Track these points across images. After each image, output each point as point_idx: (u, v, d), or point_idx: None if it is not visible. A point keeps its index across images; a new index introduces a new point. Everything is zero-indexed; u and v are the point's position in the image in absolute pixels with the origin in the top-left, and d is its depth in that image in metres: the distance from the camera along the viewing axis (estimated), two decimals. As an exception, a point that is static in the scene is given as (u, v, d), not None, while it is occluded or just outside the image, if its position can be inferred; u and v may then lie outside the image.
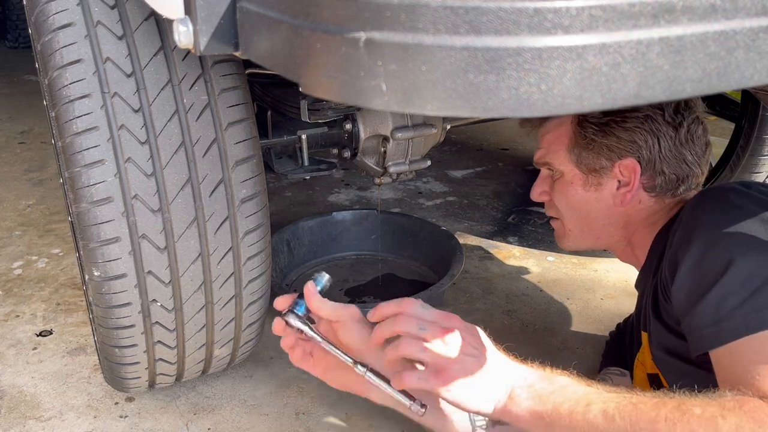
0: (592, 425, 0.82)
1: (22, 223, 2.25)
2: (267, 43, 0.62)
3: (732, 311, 0.90)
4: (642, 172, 1.17)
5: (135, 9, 1.02)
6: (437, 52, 0.51)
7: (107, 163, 1.02)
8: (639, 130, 1.17)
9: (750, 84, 0.56)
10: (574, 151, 1.22)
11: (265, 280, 1.25)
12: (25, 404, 1.42)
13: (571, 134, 1.23)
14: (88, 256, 1.07)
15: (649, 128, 1.17)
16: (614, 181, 1.19)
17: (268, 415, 1.40)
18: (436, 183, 2.66)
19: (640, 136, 1.17)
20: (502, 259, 2.06)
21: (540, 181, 1.32)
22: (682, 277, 0.98)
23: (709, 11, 0.52)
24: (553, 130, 1.26)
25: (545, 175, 1.31)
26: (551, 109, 0.52)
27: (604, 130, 1.18)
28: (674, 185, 1.18)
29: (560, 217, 1.29)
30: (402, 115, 1.48)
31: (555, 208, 1.29)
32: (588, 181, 1.21)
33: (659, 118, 1.18)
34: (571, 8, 0.49)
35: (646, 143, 1.17)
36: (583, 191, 1.22)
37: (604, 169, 1.19)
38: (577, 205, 1.24)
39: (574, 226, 1.27)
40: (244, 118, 1.11)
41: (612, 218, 1.22)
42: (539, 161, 1.30)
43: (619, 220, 1.21)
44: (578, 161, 1.21)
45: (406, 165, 1.57)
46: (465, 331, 0.91)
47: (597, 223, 1.23)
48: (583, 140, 1.20)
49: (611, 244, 1.28)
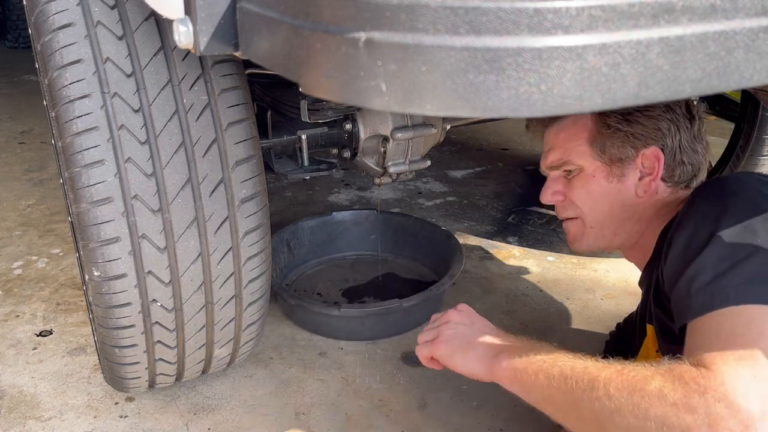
0: (551, 384, 0.94)
1: (22, 223, 2.25)
2: (267, 43, 0.62)
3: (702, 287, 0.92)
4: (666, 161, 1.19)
5: (135, 9, 1.02)
6: (437, 52, 0.51)
7: (107, 163, 1.02)
8: (663, 118, 1.20)
9: (750, 84, 0.56)
10: (597, 143, 1.21)
11: (265, 280, 1.25)
12: (25, 404, 1.42)
13: (591, 127, 1.23)
14: (88, 256, 1.07)
15: (671, 117, 1.20)
16: (636, 172, 1.20)
17: (268, 415, 1.40)
18: (436, 183, 2.67)
19: (664, 125, 1.19)
20: (502, 259, 2.06)
21: (551, 182, 1.30)
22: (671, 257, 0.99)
23: (708, 11, 0.52)
24: (568, 128, 1.26)
25: (556, 176, 1.29)
26: (551, 109, 0.52)
27: (628, 119, 1.19)
28: (690, 176, 1.21)
29: (579, 215, 1.27)
30: (402, 115, 1.48)
31: (572, 207, 1.28)
32: (612, 172, 1.21)
33: (678, 109, 1.21)
34: (571, 8, 0.49)
35: (669, 131, 1.20)
36: (606, 183, 1.21)
37: (629, 159, 1.19)
38: (601, 197, 1.23)
39: (596, 221, 1.26)
40: (244, 118, 1.11)
41: (632, 210, 1.22)
42: (553, 163, 1.27)
43: (636, 213, 1.22)
44: (602, 152, 1.21)
45: (406, 165, 1.57)
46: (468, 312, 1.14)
47: (617, 217, 1.24)
48: (607, 130, 1.20)
49: (625, 240, 1.28)
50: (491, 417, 1.38)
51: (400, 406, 1.42)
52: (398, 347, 1.61)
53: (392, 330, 1.65)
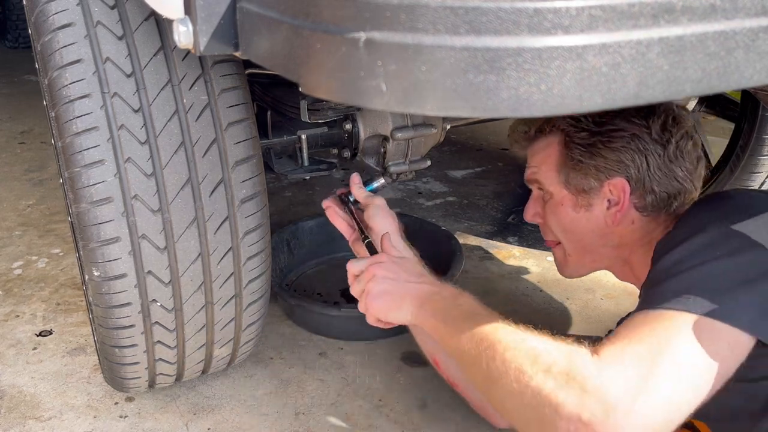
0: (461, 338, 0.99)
1: (22, 223, 2.25)
2: (267, 43, 0.62)
3: (650, 288, 0.95)
4: (632, 191, 1.16)
5: (135, 9, 1.02)
6: (437, 52, 0.51)
7: (107, 163, 1.02)
8: (625, 149, 1.16)
9: (750, 84, 0.56)
10: (563, 172, 1.21)
11: (265, 280, 1.25)
12: (25, 404, 1.42)
13: (558, 155, 1.22)
14: (88, 256, 1.07)
15: (636, 147, 1.15)
16: (604, 201, 1.18)
17: (268, 415, 1.40)
18: (436, 183, 2.67)
19: (627, 155, 1.16)
20: (502, 259, 2.06)
21: (532, 202, 1.31)
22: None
23: (708, 11, 0.52)
24: (541, 151, 1.25)
25: (537, 196, 1.30)
26: (551, 109, 0.52)
27: (591, 150, 1.17)
28: (666, 203, 1.17)
29: (558, 241, 1.28)
30: (402, 115, 1.48)
31: (550, 231, 1.29)
32: (578, 201, 1.20)
33: (646, 136, 1.16)
34: (571, 8, 0.49)
35: (634, 162, 1.16)
36: (573, 212, 1.21)
37: (593, 189, 1.18)
38: (570, 226, 1.23)
39: (572, 249, 1.26)
40: (244, 118, 1.11)
41: (606, 239, 1.20)
42: (530, 179, 1.29)
43: (613, 240, 1.20)
44: (567, 182, 1.20)
45: (406, 165, 1.57)
46: (395, 263, 1.15)
47: (592, 245, 1.23)
48: (570, 161, 1.19)
49: (609, 265, 1.27)
50: (491, 417, 1.38)
51: (400, 406, 1.42)
52: (398, 347, 1.61)
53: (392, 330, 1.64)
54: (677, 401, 0.83)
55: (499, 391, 0.91)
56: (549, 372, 0.85)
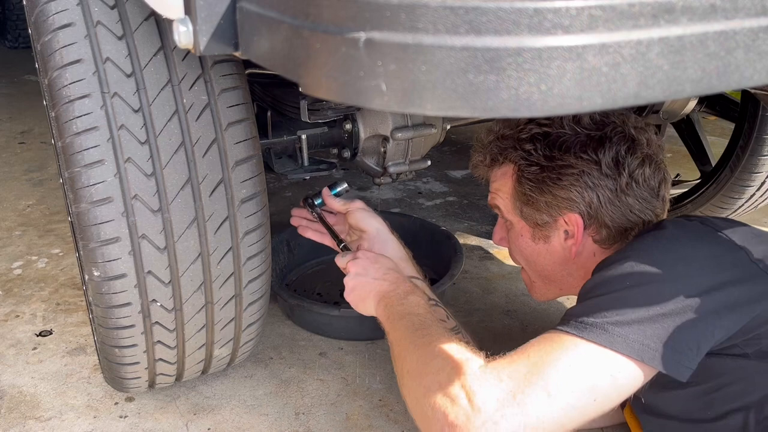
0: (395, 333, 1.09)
1: (22, 223, 2.25)
2: (267, 43, 0.62)
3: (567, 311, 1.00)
4: (586, 226, 1.15)
5: (135, 9, 1.02)
6: (437, 52, 0.51)
7: (107, 163, 1.02)
8: (574, 186, 1.14)
9: (750, 84, 0.56)
10: (517, 205, 1.21)
11: (265, 280, 1.25)
12: (25, 404, 1.42)
13: (512, 187, 1.21)
14: (88, 256, 1.07)
15: (584, 183, 1.13)
16: (561, 233, 1.17)
17: (268, 415, 1.40)
18: (436, 183, 2.67)
19: (576, 193, 1.14)
20: (502, 259, 2.06)
21: (498, 227, 1.32)
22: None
23: (708, 11, 0.52)
24: (499, 179, 1.24)
25: (501, 222, 1.30)
26: (551, 109, 0.52)
27: (541, 187, 1.16)
28: (623, 234, 1.16)
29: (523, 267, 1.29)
30: (402, 115, 1.48)
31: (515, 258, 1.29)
32: (535, 234, 1.20)
33: (595, 171, 1.14)
34: (571, 8, 0.49)
35: (583, 199, 1.14)
36: (533, 243, 1.21)
37: (548, 223, 1.17)
38: (531, 256, 1.23)
39: (537, 276, 1.26)
40: (244, 118, 1.11)
41: (569, 269, 1.20)
42: (491, 204, 1.29)
43: (577, 271, 1.19)
44: (522, 215, 1.20)
45: (406, 165, 1.57)
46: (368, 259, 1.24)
47: (555, 275, 1.22)
48: (522, 196, 1.19)
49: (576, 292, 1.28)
50: (491, 417, 1.38)
51: (400, 406, 1.42)
52: (398, 347, 1.61)
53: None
54: (545, 419, 0.87)
55: (403, 388, 1.01)
56: (437, 375, 0.93)
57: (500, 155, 1.23)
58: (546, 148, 1.15)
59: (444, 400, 0.90)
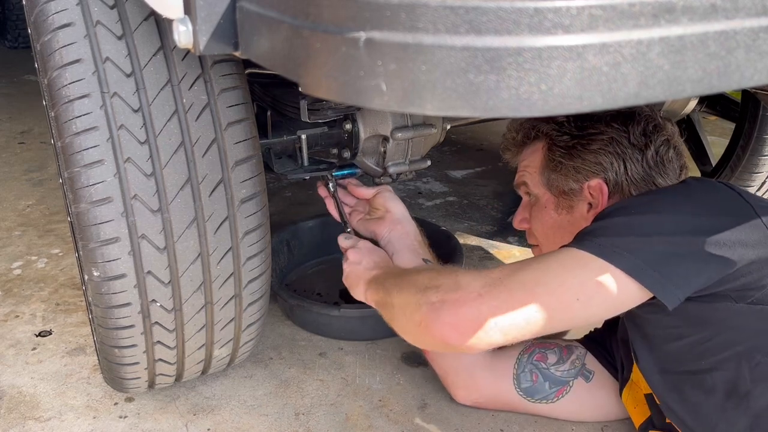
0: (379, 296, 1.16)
1: (22, 224, 2.25)
2: (267, 43, 0.62)
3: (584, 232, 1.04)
4: (610, 195, 1.18)
5: (134, 9, 1.02)
6: (437, 51, 0.51)
7: (107, 163, 1.02)
8: (603, 151, 1.19)
9: (750, 84, 0.56)
10: (545, 174, 1.25)
11: (265, 280, 1.25)
12: (25, 404, 1.42)
13: (542, 158, 1.26)
14: (87, 256, 1.07)
15: (614, 150, 1.18)
16: (585, 204, 1.20)
17: (268, 415, 1.39)
18: (436, 183, 2.66)
19: (605, 158, 1.19)
20: (502, 259, 2.06)
21: (521, 209, 1.36)
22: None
23: (709, 11, 0.52)
24: (528, 156, 1.31)
25: (525, 203, 1.34)
26: (551, 109, 0.52)
27: (571, 152, 1.21)
28: None
29: (539, 244, 1.33)
30: (402, 115, 1.48)
31: (534, 235, 1.33)
32: (559, 204, 1.23)
33: (624, 140, 1.19)
34: (572, 8, 0.49)
35: (612, 165, 1.18)
36: (556, 214, 1.24)
37: (573, 191, 1.21)
38: (552, 229, 1.26)
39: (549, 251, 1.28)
40: (244, 118, 1.11)
41: None
42: (518, 182, 1.34)
43: None
44: (549, 184, 1.24)
45: (406, 165, 1.56)
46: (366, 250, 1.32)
47: None
48: (551, 163, 1.23)
49: None
50: (491, 417, 1.38)
51: (400, 406, 1.42)
52: (398, 347, 1.61)
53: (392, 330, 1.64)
54: (527, 305, 0.91)
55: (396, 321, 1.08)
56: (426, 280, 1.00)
57: (532, 130, 1.29)
58: (577, 119, 1.22)
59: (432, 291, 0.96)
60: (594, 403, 1.32)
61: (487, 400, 1.35)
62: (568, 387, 1.30)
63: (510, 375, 1.31)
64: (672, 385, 1.09)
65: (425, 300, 0.97)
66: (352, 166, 1.57)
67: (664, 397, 1.11)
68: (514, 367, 1.31)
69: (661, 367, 1.10)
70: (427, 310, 0.96)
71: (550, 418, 1.36)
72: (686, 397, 1.06)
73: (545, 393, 1.30)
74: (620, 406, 1.30)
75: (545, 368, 1.30)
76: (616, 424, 1.36)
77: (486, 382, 1.32)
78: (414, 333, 1.03)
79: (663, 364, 1.10)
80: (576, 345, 1.36)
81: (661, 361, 1.10)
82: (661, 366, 1.10)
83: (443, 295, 0.94)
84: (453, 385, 1.36)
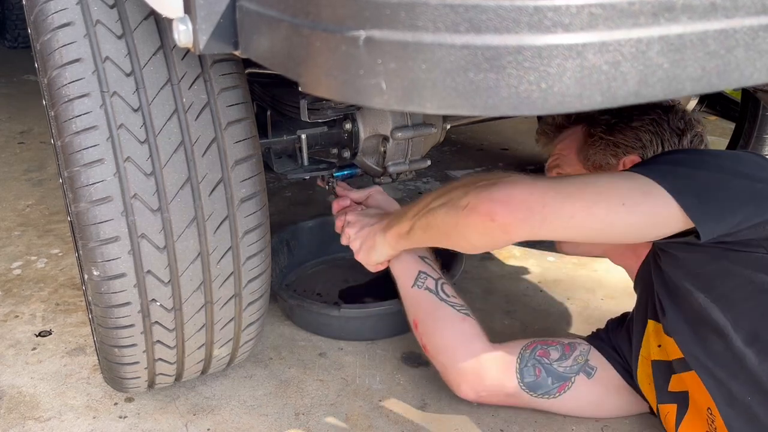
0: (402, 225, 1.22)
1: (22, 224, 2.25)
2: (267, 42, 0.62)
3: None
4: None
5: (134, 8, 1.02)
6: (437, 50, 0.51)
7: (106, 163, 1.02)
8: (644, 129, 1.26)
9: (750, 83, 0.56)
10: (582, 151, 1.30)
11: (264, 279, 1.25)
12: (25, 405, 1.42)
13: (581, 136, 1.31)
14: (87, 255, 1.07)
15: (654, 130, 1.26)
16: None
17: (268, 415, 1.39)
18: (436, 183, 2.66)
19: (646, 136, 1.25)
20: (502, 259, 2.06)
21: None
22: None
23: (709, 10, 0.52)
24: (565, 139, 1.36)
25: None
26: (551, 108, 0.52)
27: (612, 128, 1.26)
28: None
29: None
30: (402, 114, 1.48)
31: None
32: None
33: (664, 123, 1.26)
34: (571, 6, 0.49)
35: (651, 143, 1.25)
36: None
37: (610, 166, 1.25)
38: None
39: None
40: (244, 118, 1.11)
41: None
42: (550, 166, 1.38)
43: None
44: (586, 159, 1.29)
45: (406, 165, 1.56)
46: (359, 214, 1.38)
47: None
48: (591, 139, 1.28)
49: (608, 249, 1.32)
50: (491, 417, 1.38)
51: (400, 406, 1.42)
52: (398, 347, 1.61)
53: (392, 330, 1.65)
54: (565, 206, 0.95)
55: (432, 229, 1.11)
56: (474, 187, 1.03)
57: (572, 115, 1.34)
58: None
59: (482, 181, 1.00)
60: (595, 399, 1.33)
61: (490, 393, 1.34)
62: (570, 383, 1.30)
63: (513, 369, 1.31)
64: (697, 336, 1.10)
65: (474, 186, 1.01)
66: (352, 165, 1.57)
67: (689, 348, 1.11)
68: (517, 362, 1.31)
69: (686, 317, 1.11)
70: (476, 191, 0.99)
71: (550, 419, 1.36)
72: (710, 345, 1.08)
73: (548, 388, 1.31)
74: (621, 402, 1.31)
75: (548, 363, 1.30)
76: (615, 423, 1.36)
77: (489, 374, 1.32)
78: (455, 226, 1.04)
79: (689, 315, 1.11)
80: (579, 342, 1.36)
81: (687, 312, 1.11)
82: (687, 317, 1.11)
83: (497, 180, 0.99)
84: (455, 380, 1.36)
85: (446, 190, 1.11)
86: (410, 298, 1.40)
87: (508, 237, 0.99)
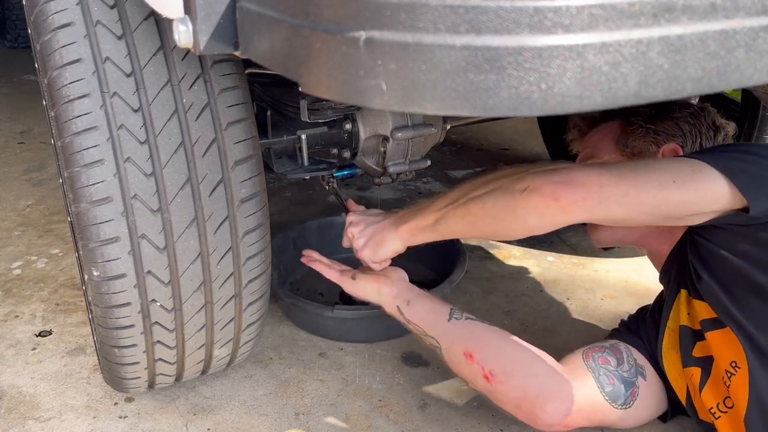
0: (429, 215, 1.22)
1: (22, 224, 2.25)
2: (267, 42, 0.62)
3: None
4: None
5: (134, 8, 1.02)
6: (437, 51, 0.51)
7: (106, 163, 1.02)
8: (684, 120, 1.28)
9: (750, 83, 0.56)
10: (621, 140, 1.31)
11: (265, 280, 1.25)
12: (25, 405, 1.42)
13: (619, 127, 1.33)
14: (87, 256, 1.07)
15: (693, 122, 1.29)
16: None
17: (268, 415, 1.39)
18: (436, 183, 2.66)
19: (686, 126, 1.28)
20: (502, 259, 2.06)
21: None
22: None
23: (709, 10, 0.52)
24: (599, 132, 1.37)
25: None
26: (551, 109, 0.52)
27: (652, 118, 1.28)
28: None
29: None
30: (402, 114, 1.48)
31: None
32: None
33: (702, 118, 1.29)
34: (572, 7, 0.49)
35: (690, 134, 1.28)
36: None
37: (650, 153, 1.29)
38: None
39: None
40: (244, 118, 1.11)
41: None
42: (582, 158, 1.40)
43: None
44: (624, 147, 1.30)
45: (406, 165, 1.56)
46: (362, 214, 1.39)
47: None
48: (630, 127, 1.30)
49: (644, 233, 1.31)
50: (491, 417, 1.38)
51: (400, 406, 1.42)
52: (398, 348, 1.61)
53: (386, 333, 1.63)
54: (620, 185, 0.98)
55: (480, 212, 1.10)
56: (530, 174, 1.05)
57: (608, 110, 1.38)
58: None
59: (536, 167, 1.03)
60: (653, 400, 1.28)
61: (579, 409, 1.20)
62: (636, 388, 1.24)
63: (591, 379, 1.22)
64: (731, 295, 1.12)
65: (529, 173, 1.03)
66: (352, 166, 1.56)
67: (723, 305, 1.12)
68: (591, 372, 1.23)
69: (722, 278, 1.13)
70: (534, 176, 1.01)
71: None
72: (746, 302, 1.10)
73: (625, 397, 1.23)
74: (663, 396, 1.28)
75: (614, 370, 1.24)
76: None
77: (574, 388, 1.21)
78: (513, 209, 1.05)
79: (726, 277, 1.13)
80: (616, 342, 1.30)
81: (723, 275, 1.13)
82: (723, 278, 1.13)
83: (552, 166, 1.01)
84: (538, 402, 1.20)
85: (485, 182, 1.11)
86: (452, 333, 1.29)
87: (567, 217, 1.01)
